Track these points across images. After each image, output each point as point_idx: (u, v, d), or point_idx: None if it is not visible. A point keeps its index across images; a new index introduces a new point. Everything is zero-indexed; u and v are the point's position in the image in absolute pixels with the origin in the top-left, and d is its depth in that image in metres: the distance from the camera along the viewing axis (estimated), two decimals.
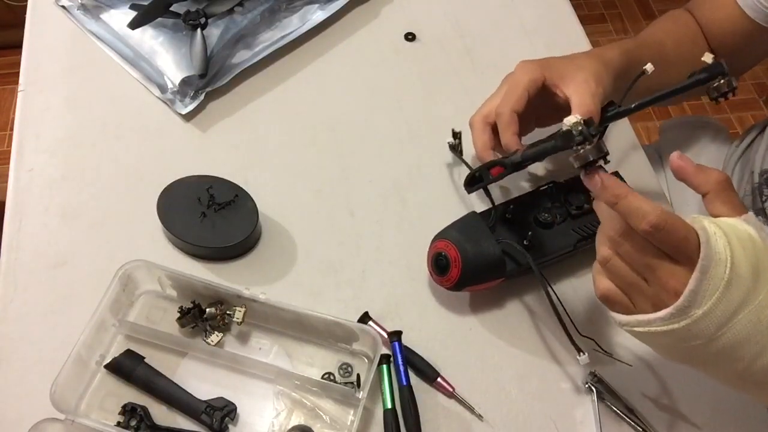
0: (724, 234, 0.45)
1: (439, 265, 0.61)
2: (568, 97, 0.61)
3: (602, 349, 0.60)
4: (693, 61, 0.76)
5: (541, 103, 0.64)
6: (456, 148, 0.72)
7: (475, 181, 0.66)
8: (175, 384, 0.59)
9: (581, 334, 0.60)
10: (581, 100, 0.60)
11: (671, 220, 0.44)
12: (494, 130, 0.65)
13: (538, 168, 0.75)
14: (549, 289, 0.58)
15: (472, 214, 0.64)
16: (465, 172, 0.68)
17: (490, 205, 0.64)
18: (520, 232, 0.63)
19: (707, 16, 0.76)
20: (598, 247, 0.50)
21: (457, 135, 0.72)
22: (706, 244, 0.44)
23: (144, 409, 0.58)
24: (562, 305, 0.59)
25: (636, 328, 0.48)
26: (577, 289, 0.67)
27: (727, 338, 0.45)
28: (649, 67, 0.57)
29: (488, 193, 0.64)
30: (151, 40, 0.79)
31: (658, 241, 0.45)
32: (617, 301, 0.49)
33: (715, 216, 0.48)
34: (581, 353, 0.57)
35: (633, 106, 0.59)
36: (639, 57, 0.68)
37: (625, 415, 0.60)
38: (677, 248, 0.45)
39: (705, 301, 0.44)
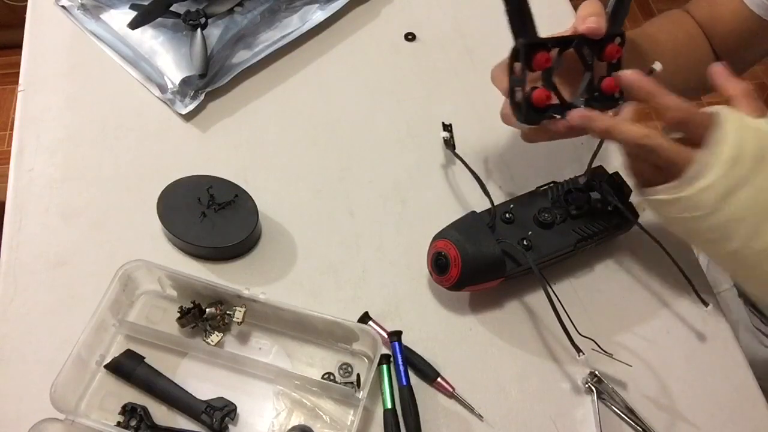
0: (736, 119, 0.52)
1: (438, 264, 0.61)
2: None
3: (602, 350, 0.60)
4: (690, 55, 0.76)
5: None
6: (449, 143, 0.72)
7: (529, 112, 0.58)
8: (175, 384, 0.59)
9: (581, 335, 0.60)
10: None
11: (691, 109, 0.53)
12: None
13: (539, 168, 0.75)
14: (549, 289, 0.58)
15: (472, 214, 0.64)
16: (463, 169, 0.68)
17: (490, 205, 0.64)
18: (519, 232, 0.63)
19: (708, 15, 0.76)
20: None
21: (447, 127, 0.71)
22: (717, 124, 0.52)
23: (144, 409, 0.58)
24: (562, 305, 0.59)
25: (652, 197, 0.56)
26: (578, 289, 0.67)
27: (725, 213, 0.52)
28: (657, 65, 0.59)
29: (487, 193, 0.64)
30: (151, 40, 0.79)
31: (683, 128, 0.53)
32: (642, 175, 0.57)
33: None
34: (580, 353, 0.57)
35: None
36: (632, 37, 0.68)
37: (625, 415, 0.60)
38: (697, 131, 0.52)
39: (709, 173, 0.51)
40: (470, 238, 0.60)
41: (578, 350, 0.57)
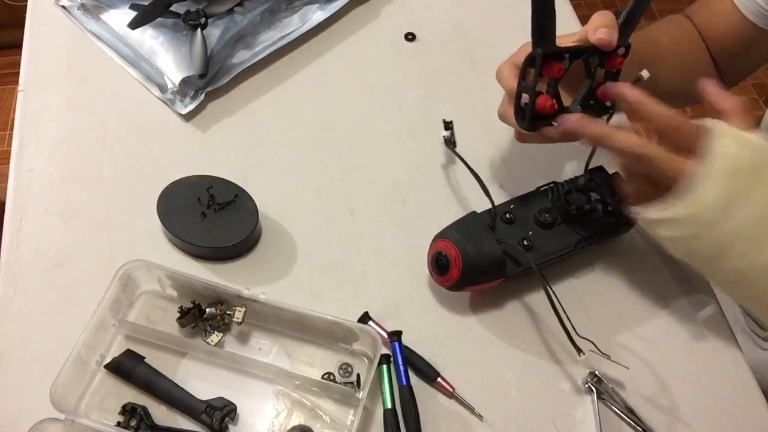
0: (731, 132, 0.51)
1: (439, 264, 0.61)
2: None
3: (599, 351, 0.60)
4: (691, 59, 0.77)
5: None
6: (450, 141, 0.72)
7: (533, 118, 0.58)
8: (175, 384, 0.59)
9: (579, 335, 0.60)
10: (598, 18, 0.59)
11: (681, 118, 0.52)
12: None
13: (539, 168, 0.75)
14: (549, 289, 0.58)
15: (473, 214, 0.64)
16: (463, 169, 0.68)
17: (491, 205, 0.64)
18: (520, 233, 0.63)
19: (706, 21, 0.76)
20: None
21: (449, 125, 0.71)
22: (711, 137, 0.51)
23: (144, 409, 0.58)
24: (562, 306, 0.59)
25: (651, 216, 0.54)
26: (578, 289, 0.67)
27: (724, 228, 0.51)
28: (644, 73, 0.59)
29: (488, 193, 0.64)
30: (151, 40, 0.79)
31: (672, 137, 0.52)
32: (640, 198, 0.57)
33: None
34: (581, 354, 0.57)
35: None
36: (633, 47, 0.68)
37: (625, 415, 0.60)
38: (687, 142, 0.52)
39: (705, 185, 0.50)
40: (471, 238, 0.60)
41: (579, 350, 0.57)
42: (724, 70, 0.78)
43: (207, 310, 0.61)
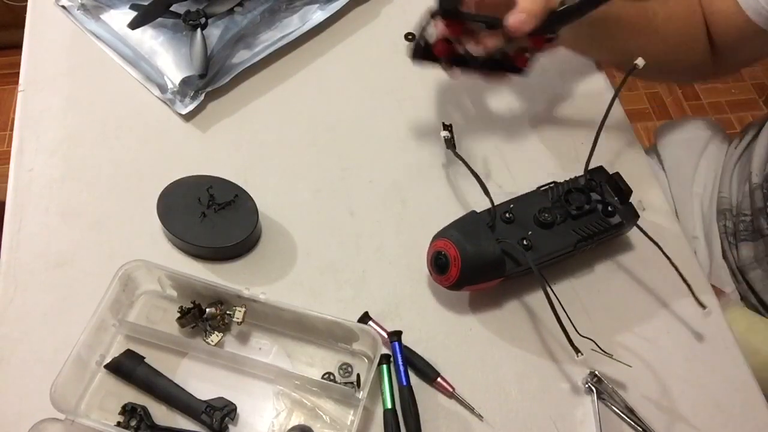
0: None
1: (438, 264, 0.61)
2: None
3: (601, 350, 0.60)
4: (684, 36, 0.76)
5: None
6: (450, 142, 0.72)
7: (422, 54, 0.67)
8: (175, 384, 0.59)
9: (580, 335, 0.60)
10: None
11: None
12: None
13: (539, 168, 0.75)
14: (548, 289, 0.58)
15: (472, 214, 0.64)
16: (463, 170, 0.68)
17: (490, 205, 0.64)
18: (520, 232, 0.63)
19: (708, 7, 0.76)
20: None
21: (448, 127, 0.72)
22: None
23: (144, 409, 0.58)
24: (561, 306, 0.59)
25: None
26: (577, 289, 0.67)
27: None
28: (640, 61, 0.59)
29: (488, 193, 0.64)
30: (151, 40, 0.79)
31: None
32: None
33: None
34: (579, 354, 0.57)
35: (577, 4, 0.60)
36: (617, 11, 0.68)
37: (625, 415, 0.60)
38: None
39: None
40: (470, 237, 0.60)
41: (577, 351, 0.57)
42: (719, 57, 0.78)
43: (207, 310, 0.61)
